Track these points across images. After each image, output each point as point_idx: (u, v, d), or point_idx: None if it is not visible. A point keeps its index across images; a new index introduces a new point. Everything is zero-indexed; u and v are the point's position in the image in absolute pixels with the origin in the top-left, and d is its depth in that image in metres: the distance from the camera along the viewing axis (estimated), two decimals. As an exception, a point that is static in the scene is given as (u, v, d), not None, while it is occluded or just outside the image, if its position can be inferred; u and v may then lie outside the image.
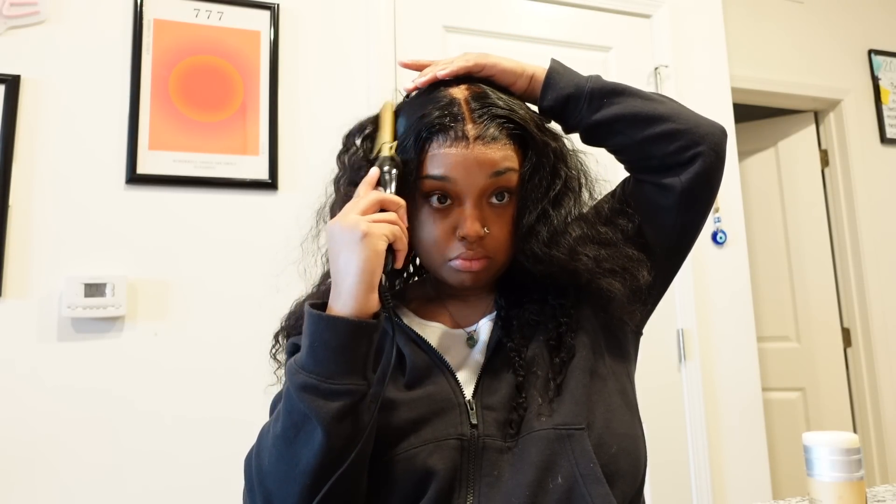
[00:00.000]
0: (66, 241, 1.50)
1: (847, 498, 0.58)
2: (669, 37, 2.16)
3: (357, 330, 0.60)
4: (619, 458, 0.66)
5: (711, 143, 0.74)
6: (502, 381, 0.69)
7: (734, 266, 2.15)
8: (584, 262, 0.70)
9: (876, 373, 2.60)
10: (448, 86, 0.73)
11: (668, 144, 0.74)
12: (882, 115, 2.76)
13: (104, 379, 1.48)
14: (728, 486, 2.01)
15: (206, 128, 1.63)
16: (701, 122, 0.76)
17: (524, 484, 0.63)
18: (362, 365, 0.61)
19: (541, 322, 0.73)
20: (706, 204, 0.78)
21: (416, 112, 0.71)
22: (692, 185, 0.74)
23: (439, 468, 0.64)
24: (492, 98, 0.71)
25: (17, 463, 1.40)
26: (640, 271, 0.73)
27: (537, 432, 0.65)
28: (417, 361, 0.71)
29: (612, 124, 0.75)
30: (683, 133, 0.74)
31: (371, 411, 0.62)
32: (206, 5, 1.68)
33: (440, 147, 0.68)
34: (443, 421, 0.67)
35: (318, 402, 0.59)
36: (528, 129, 0.70)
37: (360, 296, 0.61)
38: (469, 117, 0.68)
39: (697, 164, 0.73)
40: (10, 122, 1.48)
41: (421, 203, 0.70)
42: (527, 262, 0.71)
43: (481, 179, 0.68)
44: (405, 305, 0.80)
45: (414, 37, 1.87)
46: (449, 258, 0.70)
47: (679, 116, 0.75)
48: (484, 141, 0.67)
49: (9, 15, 1.53)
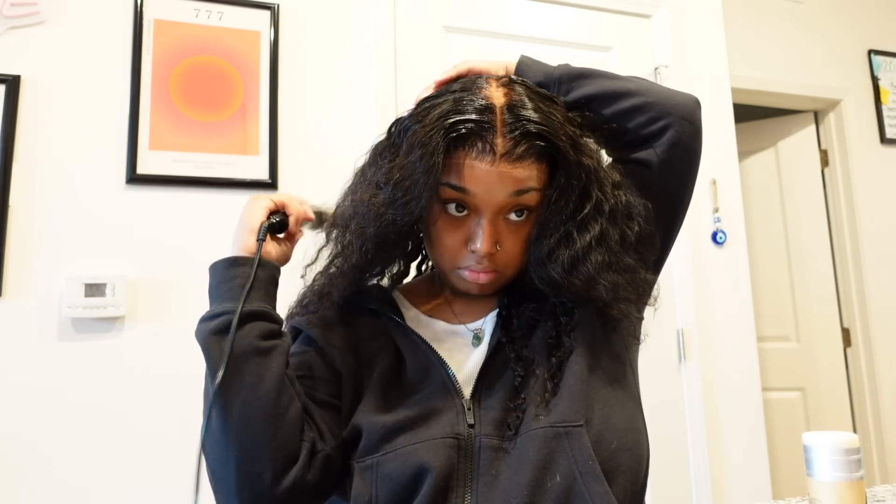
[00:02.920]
0: (66, 241, 1.50)
1: (847, 498, 0.58)
2: (669, 37, 2.16)
3: (229, 264, 0.69)
4: (620, 453, 0.65)
5: (682, 112, 0.75)
6: (501, 381, 0.69)
7: (734, 266, 2.15)
8: (601, 291, 0.69)
9: (876, 373, 2.60)
10: (484, 86, 0.70)
11: (639, 116, 0.74)
12: (882, 115, 2.76)
13: (104, 379, 1.48)
14: (728, 486, 2.01)
15: (206, 128, 1.63)
16: (672, 94, 0.76)
17: (522, 483, 0.62)
18: (238, 292, 0.66)
19: (540, 321, 0.73)
20: (687, 174, 0.77)
21: (447, 106, 0.67)
22: (668, 156, 0.74)
23: (434, 465, 0.64)
24: (528, 110, 0.67)
25: (18, 462, 1.40)
26: (649, 292, 0.74)
27: (535, 431, 0.65)
28: (417, 361, 0.72)
29: (585, 105, 0.75)
30: (652, 105, 0.74)
31: (245, 336, 0.64)
32: (206, 5, 1.68)
33: (465, 157, 0.66)
34: (439, 420, 0.67)
35: (201, 326, 0.66)
36: (560, 147, 0.67)
37: (239, 239, 0.71)
38: (500, 130, 0.66)
39: (670, 133, 0.74)
40: (10, 122, 1.48)
41: (438, 206, 0.69)
42: (541, 284, 0.70)
43: (501, 197, 0.67)
44: (410, 300, 0.80)
45: (414, 37, 1.87)
46: (458, 266, 0.71)
47: (649, 91, 0.75)
48: (510, 158, 0.65)
49: (9, 15, 1.53)
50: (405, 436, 0.66)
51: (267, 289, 0.70)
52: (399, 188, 0.67)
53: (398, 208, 0.67)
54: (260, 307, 0.67)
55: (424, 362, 0.71)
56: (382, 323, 0.76)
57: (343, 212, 0.74)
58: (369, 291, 0.79)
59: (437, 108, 0.68)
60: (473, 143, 0.65)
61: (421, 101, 0.72)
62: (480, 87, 0.70)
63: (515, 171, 0.66)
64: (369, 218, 0.69)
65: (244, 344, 0.64)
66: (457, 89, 0.70)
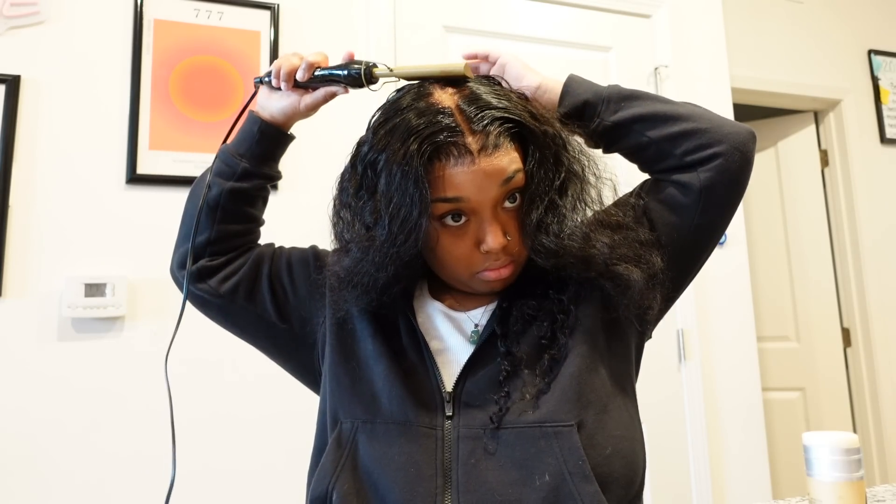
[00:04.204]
0: (66, 241, 1.50)
1: (847, 498, 0.58)
2: (669, 37, 2.16)
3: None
4: (614, 459, 0.65)
5: (735, 141, 0.72)
6: (486, 374, 0.69)
7: (734, 266, 2.15)
8: (599, 248, 0.68)
9: (876, 373, 2.60)
10: (432, 92, 0.69)
11: (687, 142, 0.72)
12: (882, 115, 2.76)
13: (104, 379, 1.48)
14: (728, 486, 2.01)
15: (207, 128, 1.63)
16: (725, 122, 0.74)
17: (508, 482, 0.62)
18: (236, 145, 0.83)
19: (537, 317, 0.72)
20: (728, 206, 0.74)
21: (404, 126, 0.66)
22: (713, 183, 0.72)
23: (403, 451, 0.65)
24: (482, 99, 0.67)
25: (18, 462, 1.40)
26: (654, 256, 0.70)
27: (521, 429, 0.65)
28: (411, 347, 0.72)
29: (631, 125, 0.74)
30: (704, 131, 0.72)
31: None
32: (206, 5, 1.68)
33: (444, 168, 0.64)
34: (418, 410, 0.68)
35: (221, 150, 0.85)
36: (525, 122, 0.67)
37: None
38: (467, 128, 0.65)
39: (718, 161, 0.71)
40: (10, 122, 1.48)
41: (435, 224, 0.68)
42: (540, 258, 0.69)
43: (493, 191, 0.66)
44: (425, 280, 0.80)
45: (414, 37, 1.87)
46: (476, 271, 0.70)
47: (700, 117, 0.74)
48: (487, 152, 0.65)
49: (9, 15, 1.53)
50: (386, 417, 0.68)
51: (247, 137, 0.82)
52: (394, 223, 0.65)
53: (399, 245, 0.65)
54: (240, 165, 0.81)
55: (417, 353, 0.72)
56: (395, 305, 0.76)
57: (339, 260, 0.73)
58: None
59: (396, 132, 0.66)
60: (448, 151, 0.64)
61: (375, 127, 0.70)
62: (428, 95, 0.68)
63: (497, 161, 0.65)
64: (370, 262, 0.68)
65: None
66: (406, 104, 0.68)
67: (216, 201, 0.79)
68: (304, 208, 1.65)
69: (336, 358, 0.74)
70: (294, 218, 1.57)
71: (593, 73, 2.03)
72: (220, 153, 0.83)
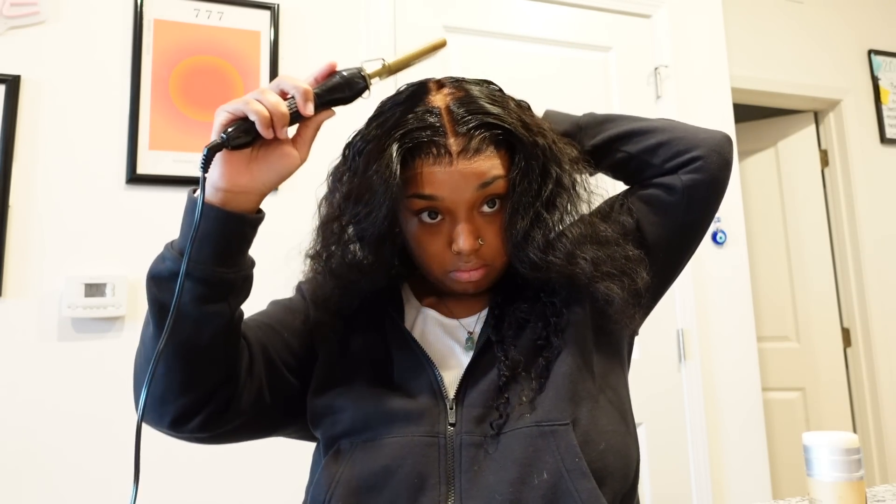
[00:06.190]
0: (66, 241, 1.50)
1: (847, 498, 0.58)
2: (669, 37, 2.16)
3: (187, 210, 0.65)
4: (608, 455, 0.66)
5: (711, 144, 0.77)
6: (486, 381, 0.69)
7: (734, 266, 2.15)
8: (582, 265, 0.69)
9: (876, 373, 2.60)
10: (428, 92, 0.71)
11: (666, 151, 0.77)
12: (882, 115, 2.76)
13: (104, 379, 1.48)
14: (728, 486, 2.01)
15: (207, 128, 1.63)
16: (699, 130, 0.78)
17: (507, 480, 0.62)
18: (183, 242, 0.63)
19: (530, 321, 0.73)
20: (709, 206, 0.78)
21: (393, 120, 0.68)
22: (695, 183, 0.76)
23: (406, 463, 0.64)
24: (474, 103, 0.68)
25: (18, 462, 1.40)
26: (640, 273, 0.71)
27: (519, 430, 0.65)
28: (406, 359, 0.72)
29: (611, 144, 0.78)
30: (680, 139, 0.77)
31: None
32: (206, 5, 1.68)
33: (423, 165, 0.66)
34: (421, 419, 0.67)
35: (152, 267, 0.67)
36: (514, 131, 0.68)
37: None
38: (451, 129, 0.67)
39: (698, 163, 0.76)
40: (10, 122, 1.48)
41: (411, 218, 0.70)
42: (523, 269, 0.70)
43: (469, 193, 0.67)
44: (415, 291, 0.80)
45: (414, 37, 1.87)
46: (448, 270, 0.71)
47: (675, 128, 0.78)
48: (467, 155, 0.66)
49: (9, 15, 1.53)
50: (386, 429, 0.67)
51: (215, 240, 0.63)
52: (360, 202, 0.68)
53: (360, 222, 0.68)
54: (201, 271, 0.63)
55: (413, 362, 0.72)
56: (380, 314, 0.77)
57: (314, 242, 0.75)
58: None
59: (385, 125, 0.69)
60: (428, 149, 0.66)
61: (369, 120, 0.73)
62: (423, 93, 0.71)
63: (475, 165, 0.66)
64: (336, 241, 0.71)
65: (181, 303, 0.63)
66: (402, 100, 0.71)
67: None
68: (304, 208, 1.64)
69: (329, 370, 0.74)
70: (294, 218, 1.57)
71: (593, 73, 2.04)
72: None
